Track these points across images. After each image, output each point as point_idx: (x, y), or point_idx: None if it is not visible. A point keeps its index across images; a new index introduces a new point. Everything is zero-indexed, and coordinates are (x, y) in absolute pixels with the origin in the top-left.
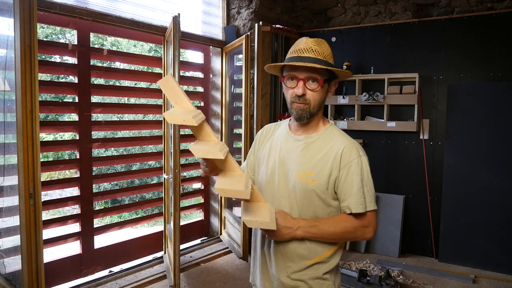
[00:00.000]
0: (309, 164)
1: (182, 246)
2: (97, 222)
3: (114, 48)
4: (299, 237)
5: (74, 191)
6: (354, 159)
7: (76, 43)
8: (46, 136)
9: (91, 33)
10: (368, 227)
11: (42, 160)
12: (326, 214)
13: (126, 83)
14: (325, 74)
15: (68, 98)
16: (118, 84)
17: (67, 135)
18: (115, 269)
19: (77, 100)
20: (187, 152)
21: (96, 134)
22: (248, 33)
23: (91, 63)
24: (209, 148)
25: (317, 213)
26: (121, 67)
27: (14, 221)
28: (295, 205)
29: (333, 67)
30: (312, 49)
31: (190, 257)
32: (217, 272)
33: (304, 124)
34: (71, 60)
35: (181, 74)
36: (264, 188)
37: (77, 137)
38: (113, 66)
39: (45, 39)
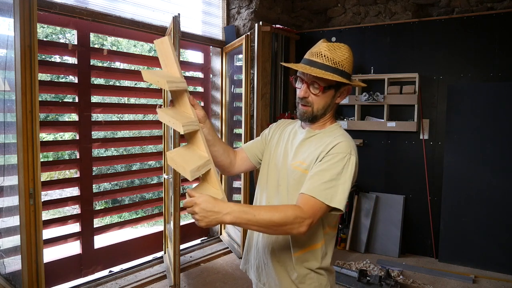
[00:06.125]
0: (304, 154)
1: (182, 246)
2: (97, 222)
3: (114, 48)
4: (228, 222)
5: (74, 191)
6: (343, 153)
7: (76, 43)
8: (46, 136)
9: (91, 33)
10: (306, 220)
11: (42, 160)
12: None
13: (126, 83)
14: (329, 81)
15: (68, 98)
16: (118, 84)
17: (67, 135)
18: (115, 269)
19: (77, 100)
20: None
21: (96, 134)
22: (248, 33)
23: (91, 63)
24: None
25: None
26: (121, 67)
27: (14, 221)
28: (287, 194)
29: (344, 75)
30: (321, 54)
31: (190, 257)
32: (217, 272)
33: (311, 123)
34: (71, 60)
35: None
36: (269, 176)
37: (77, 137)
38: (113, 66)
39: (45, 39)
